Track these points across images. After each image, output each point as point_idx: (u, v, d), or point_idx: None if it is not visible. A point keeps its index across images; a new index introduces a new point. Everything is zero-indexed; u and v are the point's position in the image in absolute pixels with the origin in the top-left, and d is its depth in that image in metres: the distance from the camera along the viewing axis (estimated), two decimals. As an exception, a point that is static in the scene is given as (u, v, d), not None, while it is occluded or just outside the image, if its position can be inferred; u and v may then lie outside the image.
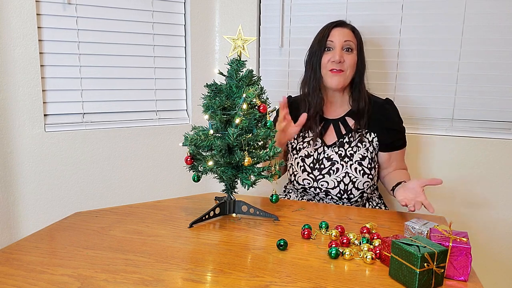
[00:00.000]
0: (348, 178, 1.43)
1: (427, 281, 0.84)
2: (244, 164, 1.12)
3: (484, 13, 1.67)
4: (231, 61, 1.16)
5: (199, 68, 1.95)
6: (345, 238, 1.05)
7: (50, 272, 0.92)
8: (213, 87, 1.16)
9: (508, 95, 1.69)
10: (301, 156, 1.49)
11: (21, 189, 1.62)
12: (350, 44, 1.45)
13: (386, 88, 1.81)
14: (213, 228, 1.17)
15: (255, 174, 1.15)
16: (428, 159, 1.79)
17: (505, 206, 1.72)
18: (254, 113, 1.13)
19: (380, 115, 1.49)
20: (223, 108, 1.14)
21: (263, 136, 1.15)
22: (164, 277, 0.90)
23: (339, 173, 1.44)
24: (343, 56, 1.44)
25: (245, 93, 1.11)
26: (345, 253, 0.98)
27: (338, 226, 1.13)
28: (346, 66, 1.44)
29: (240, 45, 1.16)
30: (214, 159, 1.14)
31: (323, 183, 1.45)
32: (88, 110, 1.75)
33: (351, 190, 1.44)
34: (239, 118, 1.10)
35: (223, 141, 1.13)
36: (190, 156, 1.18)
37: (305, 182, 1.47)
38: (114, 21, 1.75)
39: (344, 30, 1.46)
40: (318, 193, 1.47)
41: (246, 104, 1.10)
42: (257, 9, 1.93)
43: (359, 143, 1.46)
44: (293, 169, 1.50)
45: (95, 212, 1.28)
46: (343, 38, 1.44)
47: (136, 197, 1.86)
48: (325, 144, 1.49)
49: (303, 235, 1.10)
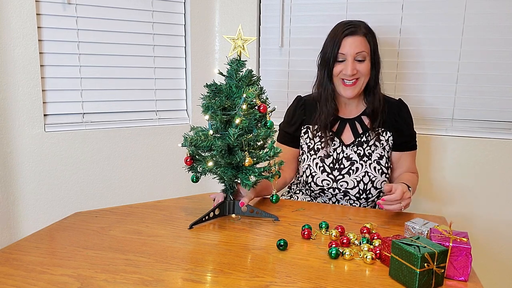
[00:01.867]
0: (367, 177, 1.42)
1: (427, 281, 0.84)
2: (245, 164, 1.12)
3: (484, 13, 1.67)
4: (231, 61, 1.16)
5: (199, 68, 1.95)
6: (345, 238, 1.05)
7: (50, 272, 0.91)
8: (213, 87, 1.16)
9: (508, 95, 1.69)
10: (320, 156, 1.46)
11: (21, 189, 1.62)
12: (363, 54, 1.39)
13: (386, 88, 1.80)
14: (213, 228, 1.17)
15: (256, 175, 1.15)
16: (428, 159, 1.79)
17: (505, 206, 1.72)
18: (254, 113, 1.12)
19: (394, 114, 1.48)
20: (223, 109, 1.14)
21: (264, 136, 1.14)
22: (164, 277, 0.89)
23: (358, 172, 1.42)
24: (356, 67, 1.39)
25: (245, 93, 1.11)
26: (345, 253, 0.98)
27: (338, 226, 1.12)
28: (359, 75, 1.40)
29: (240, 45, 1.16)
30: (214, 159, 1.14)
31: (342, 183, 1.43)
32: (88, 110, 1.75)
33: (369, 190, 1.43)
34: (239, 118, 1.10)
35: (224, 142, 1.12)
36: (189, 157, 1.17)
37: (324, 183, 1.44)
38: (114, 21, 1.75)
39: (356, 39, 1.39)
40: (336, 194, 1.45)
41: (246, 104, 1.10)
42: (257, 9, 1.93)
43: (377, 142, 1.45)
44: (311, 170, 1.46)
45: (95, 212, 1.28)
46: (354, 49, 1.38)
47: (136, 197, 1.86)
48: (343, 143, 1.47)
49: (303, 235, 1.10)
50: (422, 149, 1.78)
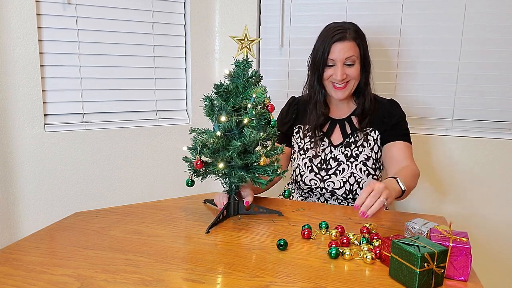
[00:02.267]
0: (353, 178, 1.43)
1: (427, 281, 0.84)
2: (260, 163, 1.14)
3: (484, 13, 1.67)
4: (237, 62, 1.16)
5: (199, 68, 1.95)
6: (345, 238, 1.05)
7: (50, 272, 0.91)
8: (223, 88, 1.15)
9: (508, 95, 1.69)
10: (309, 156, 1.49)
11: (21, 189, 1.62)
12: (352, 59, 1.40)
13: (386, 88, 1.81)
14: (213, 228, 1.17)
15: (270, 173, 1.16)
16: (428, 159, 1.79)
17: (505, 206, 1.72)
18: (265, 112, 1.14)
19: (383, 113, 1.48)
20: (230, 109, 1.14)
21: (272, 135, 1.16)
22: (164, 277, 0.89)
23: (344, 173, 1.44)
24: (345, 72, 1.40)
25: (254, 93, 1.12)
26: (345, 253, 0.98)
27: (338, 226, 1.13)
28: (349, 78, 1.42)
29: (247, 45, 1.16)
30: (224, 161, 1.14)
31: (329, 183, 1.45)
32: (88, 110, 1.75)
33: (356, 191, 1.44)
34: (247, 118, 1.11)
35: (241, 142, 1.12)
36: (200, 160, 1.13)
37: (312, 183, 1.47)
38: (114, 21, 1.75)
39: (345, 45, 1.39)
40: (324, 193, 1.47)
41: (255, 104, 1.11)
42: (257, 9, 1.93)
43: (365, 142, 1.46)
44: (300, 169, 1.49)
45: (95, 212, 1.28)
46: (343, 55, 1.39)
47: (136, 197, 1.86)
48: (332, 144, 1.49)
49: (303, 235, 1.10)
50: (422, 149, 1.78)
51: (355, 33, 1.42)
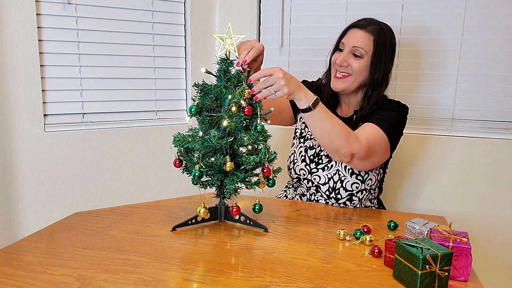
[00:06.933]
0: (337, 175, 1.40)
1: (429, 283, 0.83)
2: (226, 168, 1.08)
3: (484, 13, 1.67)
4: (220, 61, 1.12)
5: (199, 68, 1.95)
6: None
7: (50, 272, 0.91)
8: (201, 87, 1.11)
9: (508, 95, 1.69)
10: (306, 146, 1.47)
11: (21, 189, 1.62)
12: (360, 50, 1.34)
13: (386, 88, 1.81)
14: (213, 228, 1.17)
15: (239, 181, 1.10)
16: (428, 159, 1.78)
17: (505, 206, 1.72)
18: (240, 115, 1.07)
19: (378, 108, 1.41)
20: (210, 110, 1.11)
21: (248, 141, 1.09)
22: (164, 277, 0.89)
23: (331, 169, 1.41)
24: (348, 60, 1.36)
25: (231, 95, 1.08)
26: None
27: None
28: (351, 70, 1.37)
29: (229, 43, 1.11)
30: (200, 162, 1.10)
31: (315, 177, 1.42)
32: (88, 110, 1.75)
33: (339, 190, 1.39)
34: (226, 120, 1.06)
35: (203, 144, 1.08)
36: (178, 159, 1.14)
37: (301, 173, 1.45)
38: (114, 21, 1.75)
39: (359, 33, 1.35)
40: (310, 187, 1.45)
41: (233, 106, 1.06)
42: (257, 9, 1.93)
43: None
44: (294, 156, 1.48)
45: (95, 212, 1.28)
46: (353, 42, 1.35)
47: (136, 197, 1.86)
48: None
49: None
50: (422, 149, 1.78)
51: (379, 31, 1.36)
